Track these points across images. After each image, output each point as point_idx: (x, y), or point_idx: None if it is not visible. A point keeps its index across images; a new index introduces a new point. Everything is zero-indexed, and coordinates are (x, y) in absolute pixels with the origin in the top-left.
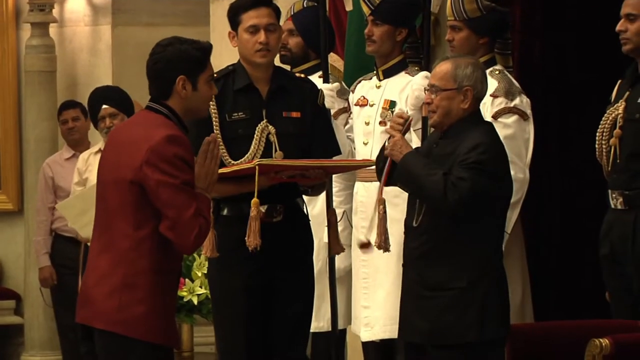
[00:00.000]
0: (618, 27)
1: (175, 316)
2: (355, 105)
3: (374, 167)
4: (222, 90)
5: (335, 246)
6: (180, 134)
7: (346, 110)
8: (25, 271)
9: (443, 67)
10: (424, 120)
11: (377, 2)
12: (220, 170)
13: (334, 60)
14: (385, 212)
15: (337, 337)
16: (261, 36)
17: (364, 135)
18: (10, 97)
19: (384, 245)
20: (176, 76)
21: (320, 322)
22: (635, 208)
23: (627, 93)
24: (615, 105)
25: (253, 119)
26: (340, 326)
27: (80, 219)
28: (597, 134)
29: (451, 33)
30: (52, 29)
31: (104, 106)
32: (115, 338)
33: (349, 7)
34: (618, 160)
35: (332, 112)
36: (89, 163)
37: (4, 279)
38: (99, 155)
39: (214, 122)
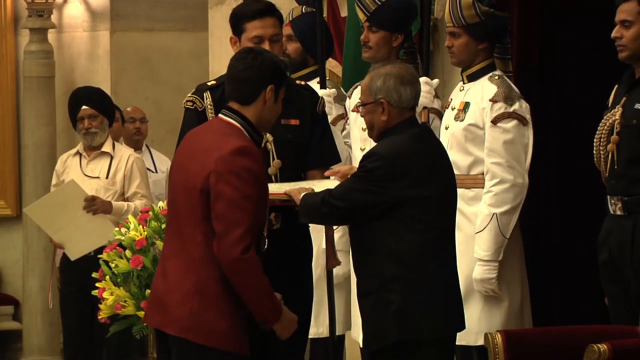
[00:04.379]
0: (613, 34)
1: (246, 325)
2: (353, 111)
3: None
4: (221, 96)
5: (331, 260)
6: (250, 145)
7: (343, 116)
8: (23, 277)
9: (364, 81)
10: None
11: (373, 8)
12: None
13: (333, 66)
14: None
15: (335, 343)
16: (265, 47)
17: (361, 141)
18: (8, 103)
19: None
20: (267, 84)
21: (319, 327)
22: (634, 214)
23: (624, 99)
24: (613, 111)
25: None
26: (339, 332)
27: (52, 223)
28: (595, 140)
29: (450, 39)
30: (51, 35)
31: (84, 107)
32: (188, 344)
33: (343, 13)
34: (616, 166)
35: (330, 118)
36: (67, 165)
37: (2, 284)
38: (76, 158)
39: None
